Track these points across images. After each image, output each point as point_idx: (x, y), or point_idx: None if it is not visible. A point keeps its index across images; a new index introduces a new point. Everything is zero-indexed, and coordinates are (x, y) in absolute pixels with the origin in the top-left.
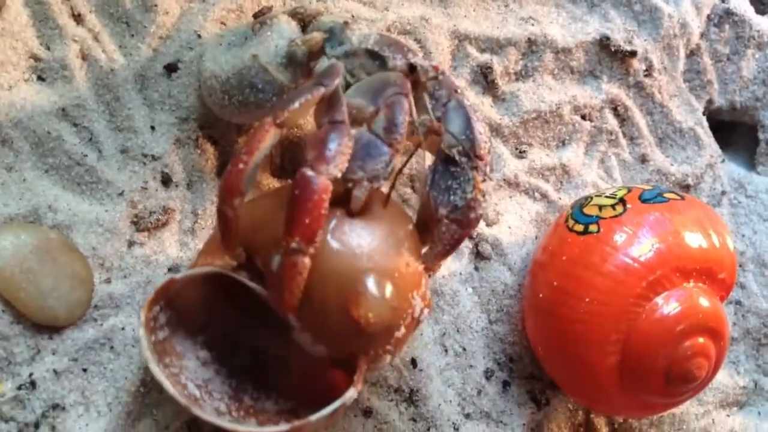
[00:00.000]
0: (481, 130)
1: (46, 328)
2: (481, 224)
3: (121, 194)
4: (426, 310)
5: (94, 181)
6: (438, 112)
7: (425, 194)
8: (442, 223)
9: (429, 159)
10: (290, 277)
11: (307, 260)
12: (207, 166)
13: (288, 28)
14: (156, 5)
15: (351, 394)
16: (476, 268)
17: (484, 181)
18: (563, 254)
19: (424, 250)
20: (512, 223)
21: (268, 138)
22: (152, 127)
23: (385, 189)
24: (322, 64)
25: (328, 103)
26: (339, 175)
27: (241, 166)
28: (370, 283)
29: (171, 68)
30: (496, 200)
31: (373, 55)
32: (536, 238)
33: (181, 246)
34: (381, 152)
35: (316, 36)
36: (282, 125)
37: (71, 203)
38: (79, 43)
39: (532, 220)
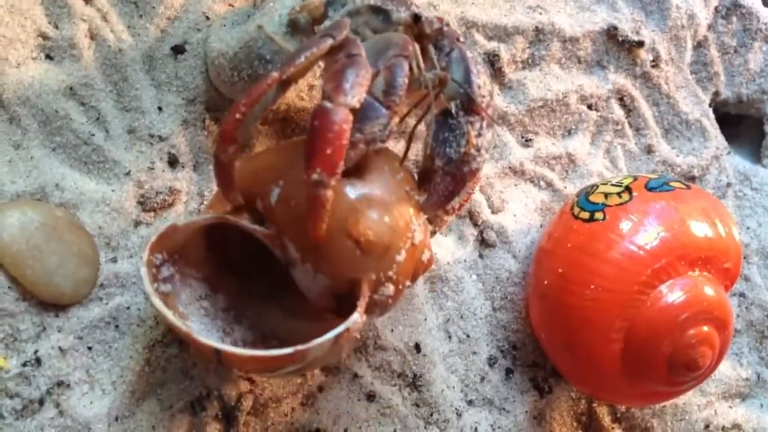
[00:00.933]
0: (479, 83)
1: (52, 305)
2: (486, 211)
3: (127, 174)
4: (430, 255)
5: (101, 161)
6: (442, 62)
7: (426, 144)
8: (438, 174)
9: None
10: (315, 209)
11: (329, 192)
12: (213, 147)
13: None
14: None
15: (355, 318)
16: (481, 256)
17: (478, 135)
18: (568, 241)
19: (424, 200)
20: (517, 210)
21: (270, 90)
22: (159, 108)
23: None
24: (327, 25)
25: (342, 44)
26: (358, 105)
27: (237, 115)
28: (369, 208)
29: (178, 50)
30: (501, 188)
31: (375, 10)
32: (541, 226)
33: None
34: (379, 114)
35: (315, 0)
36: (288, 80)
37: (78, 182)
38: (88, 22)
39: (537, 209)
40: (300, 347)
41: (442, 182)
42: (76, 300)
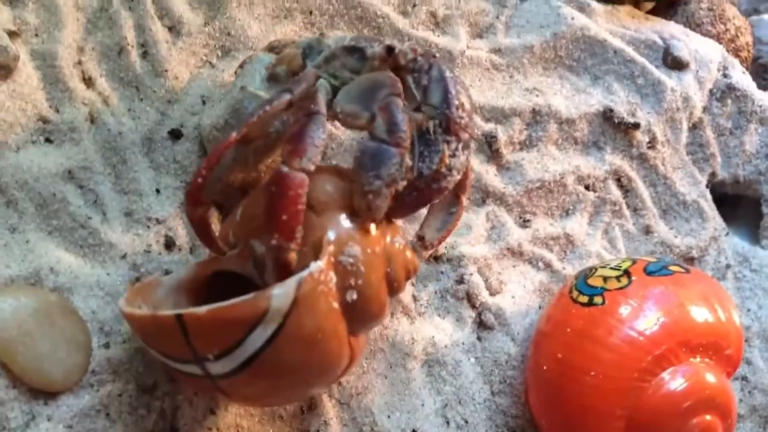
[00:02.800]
0: (458, 104)
1: (42, 393)
2: (484, 293)
3: (123, 257)
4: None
5: (97, 244)
6: (423, 80)
7: None
8: (407, 187)
9: None
10: (280, 274)
11: (291, 255)
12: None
13: (267, 57)
14: (166, 70)
15: (317, 264)
16: (479, 338)
17: (452, 156)
18: (567, 326)
19: None
20: (516, 292)
21: (228, 152)
22: (157, 191)
23: None
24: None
25: (304, 98)
26: (313, 168)
27: (199, 180)
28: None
29: (175, 134)
30: (499, 269)
31: (350, 50)
32: (540, 308)
33: None
34: (390, 155)
35: (290, 51)
36: (247, 139)
37: (73, 266)
38: (89, 106)
39: (536, 290)
40: (261, 291)
41: (409, 195)
42: (67, 387)
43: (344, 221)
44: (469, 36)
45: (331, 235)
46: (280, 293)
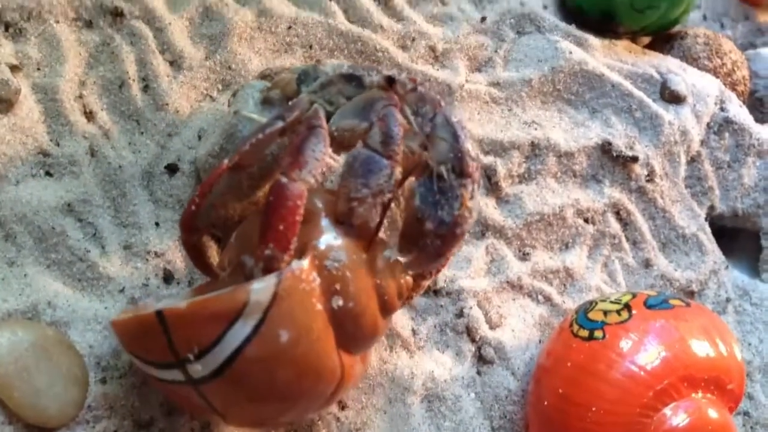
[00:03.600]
0: (469, 147)
1: (38, 429)
2: (484, 327)
3: (121, 291)
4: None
5: (95, 277)
6: (426, 127)
7: (412, 208)
8: (428, 237)
9: None
10: None
11: (283, 266)
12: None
13: (260, 83)
14: (167, 104)
15: (300, 263)
16: (479, 373)
17: (471, 198)
18: (568, 360)
19: (406, 259)
20: (515, 326)
21: (221, 180)
22: (156, 224)
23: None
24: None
25: (297, 124)
26: (313, 181)
27: (192, 207)
28: None
29: (171, 168)
30: (499, 303)
31: (348, 77)
32: (540, 342)
33: None
34: (381, 166)
35: (285, 76)
36: (239, 166)
37: (71, 300)
38: (89, 139)
39: (536, 324)
40: (241, 285)
41: (433, 245)
42: (63, 423)
43: (331, 230)
44: (468, 70)
45: (316, 239)
46: (260, 287)
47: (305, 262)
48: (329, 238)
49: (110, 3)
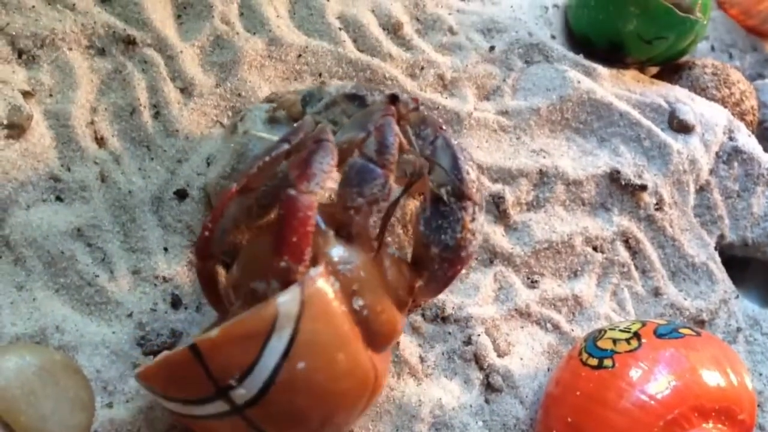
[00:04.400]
0: (468, 169)
1: None
2: (492, 355)
3: (129, 315)
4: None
5: (103, 302)
6: (426, 150)
7: (418, 232)
8: (435, 262)
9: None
10: None
11: (299, 277)
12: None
13: (265, 105)
14: (177, 130)
15: (316, 269)
16: (487, 401)
17: (472, 221)
18: (577, 389)
19: (420, 284)
20: (524, 354)
21: (231, 204)
22: (165, 249)
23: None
24: (301, 123)
25: (315, 133)
26: (321, 191)
27: (206, 233)
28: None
29: (180, 194)
30: (507, 330)
31: (351, 97)
32: (548, 370)
33: None
34: (375, 175)
35: (290, 96)
36: (248, 188)
37: (79, 324)
38: (100, 165)
39: (544, 352)
40: (264, 302)
41: (441, 269)
42: None
43: (335, 239)
44: (476, 98)
45: (324, 249)
46: (286, 299)
47: (321, 268)
48: (336, 246)
49: (123, 31)
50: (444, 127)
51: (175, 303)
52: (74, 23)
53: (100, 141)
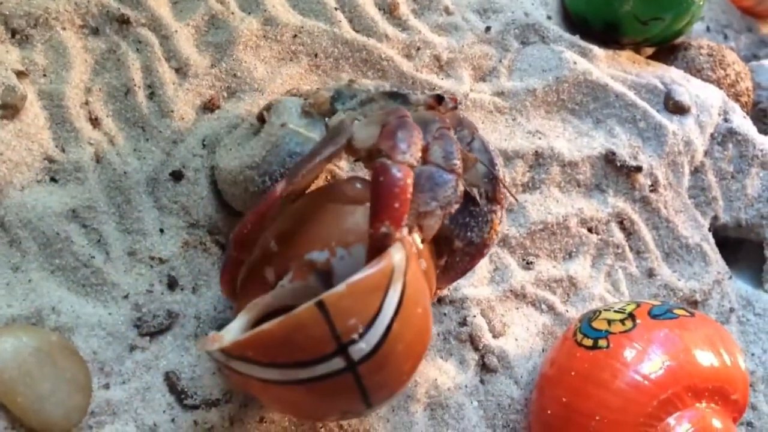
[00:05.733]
0: (505, 175)
1: None
2: (488, 335)
3: (125, 297)
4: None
5: (99, 283)
6: (465, 150)
7: (442, 225)
8: (457, 254)
9: None
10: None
11: (395, 242)
12: (213, 270)
13: (294, 99)
14: (173, 111)
15: (402, 231)
16: (482, 381)
17: (500, 223)
18: (572, 369)
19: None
20: (519, 335)
21: (276, 204)
22: (161, 230)
23: None
24: (334, 119)
25: (388, 113)
26: (416, 162)
27: (246, 228)
28: None
29: (176, 175)
30: (502, 311)
31: (392, 95)
32: (543, 351)
33: (182, 351)
34: (446, 179)
35: (323, 93)
36: (293, 191)
37: (75, 305)
38: (95, 146)
39: (539, 333)
40: (380, 256)
41: (462, 261)
42: (66, 429)
43: None
44: (472, 79)
45: None
46: (398, 254)
47: (406, 231)
48: None
49: (117, 10)
50: (478, 130)
51: (172, 284)
52: (68, 2)
53: (95, 122)
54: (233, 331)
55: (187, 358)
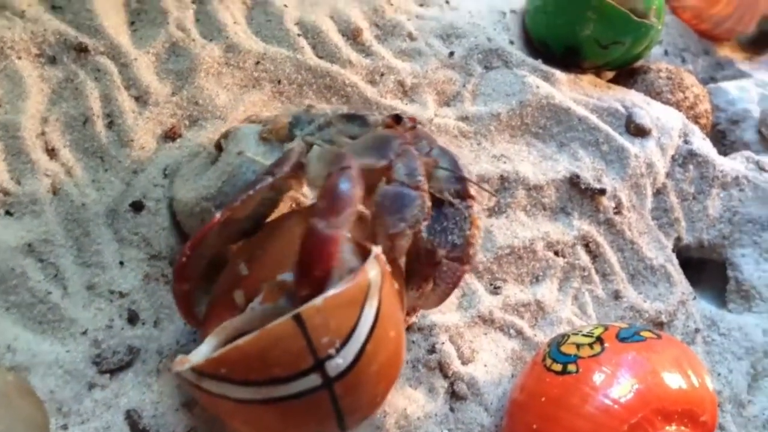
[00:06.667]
0: (470, 170)
1: None
2: (456, 362)
3: (84, 333)
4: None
5: (56, 320)
6: (425, 158)
7: (418, 243)
8: (443, 264)
9: None
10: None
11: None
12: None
13: (252, 126)
14: (132, 140)
15: (376, 248)
16: (452, 409)
17: (479, 218)
18: (542, 395)
19: (424, 294)
20: (488, 360)
21: (211, 234)
22: (121, 263)
23: None
24: (290, 145)
25: (334, 159)
26: (346, 231)
27: (183, 259)
28: None
29: (136, 206)
30: (471, 337)
31: (349, 117)
32: (512, 376)
33: (144, 388)
34: (412, 197)
35: (281, 119)
36: (230, 220)
37: (31, 343)
38: (51, 177)
39: (508, 358)
40: (357, 270)
41: (449, 269)
42: None
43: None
44: (436, 104)
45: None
46: (374, 269)
47: (380, 249)
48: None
49: (75, 39)
50: (436, 141)
51: (132, 318)
52: (24, 30)
53: (52, 152)
54: (201, 354)
55: (149, 395)
